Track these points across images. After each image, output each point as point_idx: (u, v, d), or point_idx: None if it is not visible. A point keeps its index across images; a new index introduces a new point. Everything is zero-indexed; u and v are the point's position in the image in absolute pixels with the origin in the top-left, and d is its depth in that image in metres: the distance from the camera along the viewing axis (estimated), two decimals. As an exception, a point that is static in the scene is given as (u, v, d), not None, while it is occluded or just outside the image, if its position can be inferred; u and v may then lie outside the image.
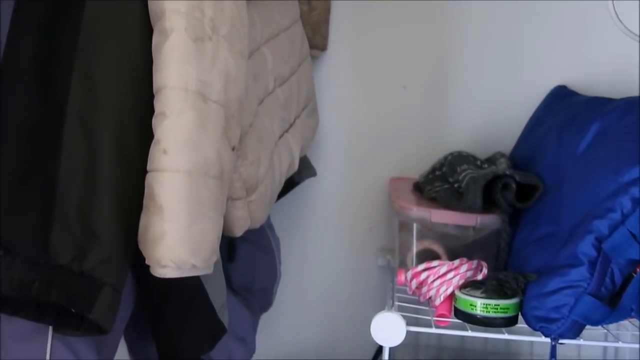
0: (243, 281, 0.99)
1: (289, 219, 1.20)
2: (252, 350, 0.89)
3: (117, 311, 0.56)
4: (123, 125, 0.55)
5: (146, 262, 0.56)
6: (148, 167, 0.56)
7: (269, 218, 1.03)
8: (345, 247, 1.22)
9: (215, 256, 0.61)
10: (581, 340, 0.77)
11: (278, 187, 0.90)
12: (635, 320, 0.86)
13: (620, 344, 0.79)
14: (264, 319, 1.09)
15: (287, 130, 0.94)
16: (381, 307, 1.22)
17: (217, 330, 0.69)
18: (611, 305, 0.75)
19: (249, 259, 0.99)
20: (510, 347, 1.21)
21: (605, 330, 0.82)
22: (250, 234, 0.81)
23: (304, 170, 1.06)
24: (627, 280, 0.76)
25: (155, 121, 0.56)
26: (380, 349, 1.20)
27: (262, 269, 1.04)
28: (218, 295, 0.70)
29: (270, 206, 0.86)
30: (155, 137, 0.55)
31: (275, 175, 0.87)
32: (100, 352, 0.61)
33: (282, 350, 1.24)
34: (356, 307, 1.23)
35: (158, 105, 0.56)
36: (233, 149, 0.65)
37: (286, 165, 0.92)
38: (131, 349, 0.78)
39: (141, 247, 0.56)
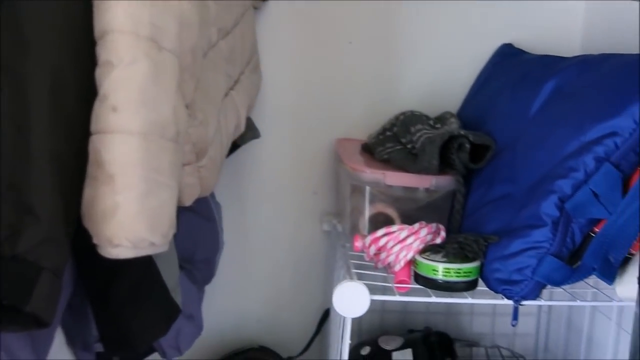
0: (184, 252, 0.91)
1: (229, 184, 1.12)
2: (200, 327, 0.82)
3: (58, 300, 0.48)
4: (59, 76, 0.46)
5: (94, 240, 0.48)
6: (93, 128, 0.47)
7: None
8: (288, 213, 1.16)
9: (173, 230, 0.53)
10: (542, 300, 0.77)
11: (225, 151, 0.82)
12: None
13: (579, 303, 0.80)
14: (205, 289, 1.02)
15: (232, 88, 0.86)
16: (327, 274, 1.19)
17: (171, 312, 0.62)
18: (570, 264, 0.75)
19: (189, 228, 0.91)
20: (453, 306, 1.22)
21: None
22: (190, 201, 0.73)
23: (248, 132, 0.98)
24: (585, 239, 0.76)
25: (100, 72, 0.46)
26: (325, 315, 1.18)
27: (204, 238, 0.97)
28: (170, 273, 0.63)
29: (220, 171, 0.78)
30: (101, 91, 0.46)
31: (222, 137, 0.79)
32: (35, 348, 0.53)
33: (223, 321, 1.18)
34: (301, 274, 1.19)
35: (103, 53, 0.46)
36: (186, 107, 0.57)
37: (232, 126, 0.85)
38: (69, 338, 0.69)
39: (87, 224, 0.48)
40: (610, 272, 0.74)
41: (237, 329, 1.20)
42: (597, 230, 0.75)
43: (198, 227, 0.95)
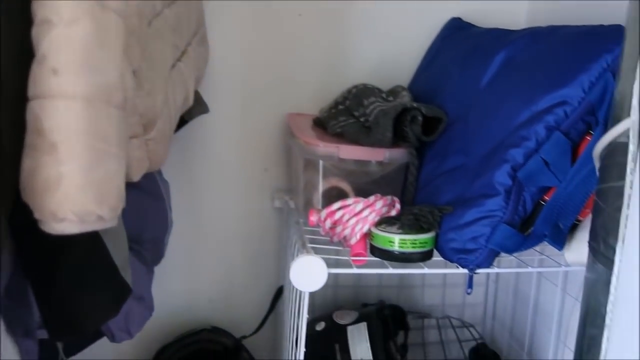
0: (132, 232, 0.86)
1: (177, 162, 1.08)
2: (150, 309, 0.79)
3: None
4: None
5: (36, 215, 0.44)
6: (31, 93, 0.43)
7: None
8: (239, 190, 1.14)
9: (122, 204, 0.50)
10: (495, 268, 0.78)
11: (174, 124, 0.79)
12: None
13: (529, 269, 0.82)
14: (154, 270, 0.98)
15: (179, 59, 0.82)
16: (279, 251, 1.18)
17: (121, 292, 0.59)
18: (522, 232, 0.76)
19: (137, 206, 0.87)
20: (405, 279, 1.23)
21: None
22: (137, 178, 0.70)
23: (196, 107, 0.94)
24: (536, 207, 0.78)
25: (37, 31, 0.42)
26: (278, 293, 1.16)
27: (152, 217, 0.93)
28: (119, 250, 0.59)
29: (169, 146, 0.75)
30: (39, 52, 0.42)
31: (171, 110, 0.75)
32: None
33: (174, 302, 1.15)
34: (252, 252, 1.17)
35: (40, 10, 0.42)
36: (133, 73, 0.54)
37: (181, 99, 0.81)
38: (8, 324, 0.64)
39: (27, 197, 0.44)
40: (560, 238, 0.76)
41: (189, 309, 1.17)
42: (547, 198, 0.77)
43: (146, 205, 0.91)
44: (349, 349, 0.98)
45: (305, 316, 0.75)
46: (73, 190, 0.43)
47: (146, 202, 0.92)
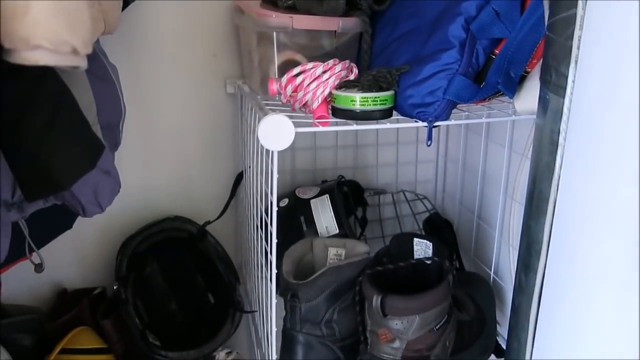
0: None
1: (122, 47, 1.04)
2: (118, 183, 0.78)
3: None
4: None
5: (6, 45, 0.42)
6: None
7: (98, 42, 0.88)
8: (188, 77, 1.11)
9: (92, 45, 0.48)
10: (452, 120, 0.82)
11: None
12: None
13: (481, 120, 0.86)
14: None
15: None
16: (235, 137, 1.18)
17: (94, 147, 0.58)
18: (477, 83, 0.80)
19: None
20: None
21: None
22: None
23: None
24: (487, 60, 0.81)
25: None
26: (238, 179, 1.18)
27: (105, 101, 0.89)
28: (88, 106, 0.58)
29: (119, 12, 0.72)
30: None
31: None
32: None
33: (132, 198, 1.14)
34: (207, 140, 1.16)
35: None
36: None
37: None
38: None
39: (-7, 26, 0.42)
40: (512, 86, 0.80)
41: (148, 205, 1.17)
42: (497, 52, 0.80)
43: (97, 90, 0.88)
44: (314, 220, 1.02)
45: (275, 176, 0.77)
46: (43, 15, 0.41)
47: (97, 87, 0.89)
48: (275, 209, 0.78)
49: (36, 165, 0.55)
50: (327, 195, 1.04)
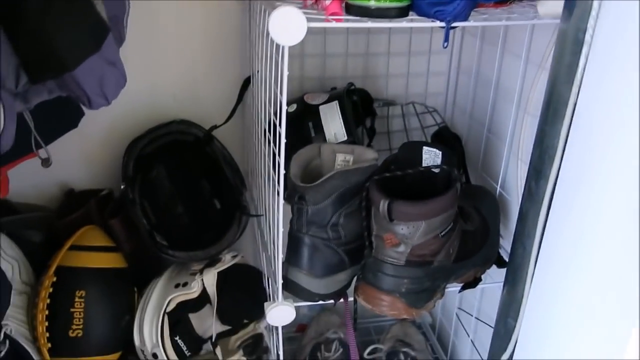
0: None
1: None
2: (124, 76, 0.76)
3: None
4: None
5: None
6: None
7: None
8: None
9: None
10: (471, 21, 0.79)
11: None
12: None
13: (500, 23, 0.82)
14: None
15: None
16: (242, 41, 1.15)
17: (99, 28, 0.56)
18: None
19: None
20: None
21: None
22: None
23: None
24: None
25: None
26: (245, 84, 1.15)
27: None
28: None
29: None
30: None
31: None
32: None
33: (137, 102, 1.12)
34: (214, 43, 1.13)
35: None
36: None
37: None
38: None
39: None
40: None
41: (154, 107, 1.15)
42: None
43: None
44: (322, 127, 1.01)
45: (286, 73, 0.74)
46: None
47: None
48: (284, 107, 0.77)
49: (39, 44, 0.52)
50: (336, 101, 1.02)
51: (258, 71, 1.00)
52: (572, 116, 0.64)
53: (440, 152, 0.90)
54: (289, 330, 1.42)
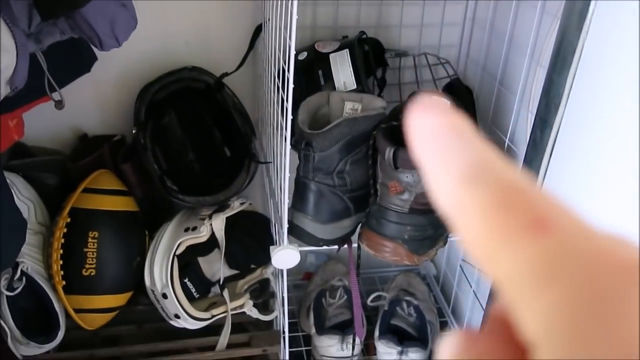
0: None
1: None
2: (135, 18, 0.77)
3: None
4: None
5: None
6: None
7: None
8: None
9: None
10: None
11: None
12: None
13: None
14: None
15: None
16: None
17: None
18: None
19: None
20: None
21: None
22: None
23: None
24: None
25: None
26: (257, 31, 1.15)
27: None
28: None
29: None
30: None
31: None
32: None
33: (148, 47, 1.13)
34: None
35: None
36: None
37: None
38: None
39: None
40: None
41: (166, 53, 1.15)
42: None
43: None
44: (332, 75, 1.01)
45: (295, 17, 0.74)
46: None
47: None
48: (292, 52, 0.77)
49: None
50: (347, 50, 1.01)
51: (269, 19, 1.00)
52: (578, 64, 0.64)
53: (449, 102, 0.90)
54: (296, 277, 1.45)
